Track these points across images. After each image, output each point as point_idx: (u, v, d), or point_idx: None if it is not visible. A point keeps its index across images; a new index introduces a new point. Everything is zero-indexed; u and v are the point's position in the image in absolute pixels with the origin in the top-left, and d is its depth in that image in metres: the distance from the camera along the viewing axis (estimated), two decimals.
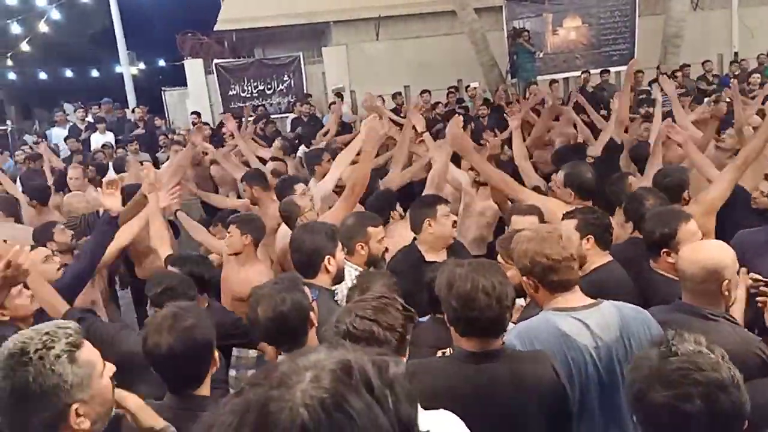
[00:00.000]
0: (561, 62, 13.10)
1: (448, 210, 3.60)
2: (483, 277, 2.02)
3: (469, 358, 2.06)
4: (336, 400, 0.78)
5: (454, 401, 1.95)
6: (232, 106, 13.99)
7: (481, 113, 9.60)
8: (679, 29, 12.09)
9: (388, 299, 1.89)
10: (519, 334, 2.25)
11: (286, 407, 0.77)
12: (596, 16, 12.98)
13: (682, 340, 1.56)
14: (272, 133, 10.14)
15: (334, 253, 2.94)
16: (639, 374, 1.54)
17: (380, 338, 1.77)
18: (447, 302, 2.07)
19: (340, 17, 14.63)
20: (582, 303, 2.31)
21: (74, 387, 1.58)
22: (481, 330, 2.04)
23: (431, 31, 14.59)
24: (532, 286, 2.33)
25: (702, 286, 2.37)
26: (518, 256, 2.33)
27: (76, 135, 11.08)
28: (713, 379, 1.47)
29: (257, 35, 15.58)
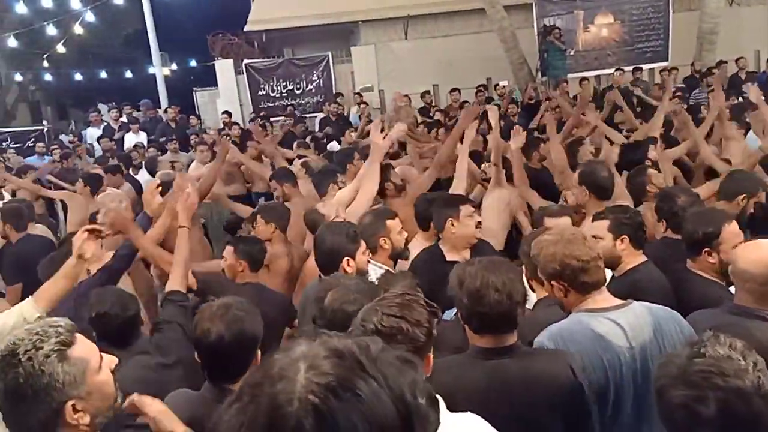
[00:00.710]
0: (592, 60, 12.93)
1: (473, 210, 3.57)
2: (493, 273, 2.06)
3: (482, 354, 2.09)
4: (340, 381, 0.81)
5: (469, 398, 1.97)
6: (262, 105, 14.12)
7: (511, 112, 9.50)
8: (715, 25, 11.82)
9: (411, 296, 1.88)
10: (552, 335, 2.23)
11: (294, 398, 0.79)
12: (629, 12, 12.78)
13: (716, 342, 1.52)
14: (301, 133, 10.20)
15: (354, 254, 2.97)
16: (664, 371, 1.53)
17: (409, 334, 1.75)
18: (458, 299, 2.12)
19: (369, 17, 14.65)
20: (612, 303, 2.29)
21: (67, 385, 1.59)
22: (492, 326, 2.07)
23: (460, 29, 14.52)
24: (562, 289, 2.30)
25: (764, 287, 2.31)
26: (546, 260, 2.29)
27: (110, 135, 11.29)
28: (734, 386, 1.42)
29: (287, 35, 15.69)
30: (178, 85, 20.03)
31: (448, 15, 14.55)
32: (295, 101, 14.09)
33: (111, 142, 10.55)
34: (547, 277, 2.32)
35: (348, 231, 3.04)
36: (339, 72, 14.61)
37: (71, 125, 20.20)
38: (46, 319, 1.88)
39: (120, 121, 12.18)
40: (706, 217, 2.91)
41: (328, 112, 11.72)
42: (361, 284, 2.44)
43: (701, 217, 2.92)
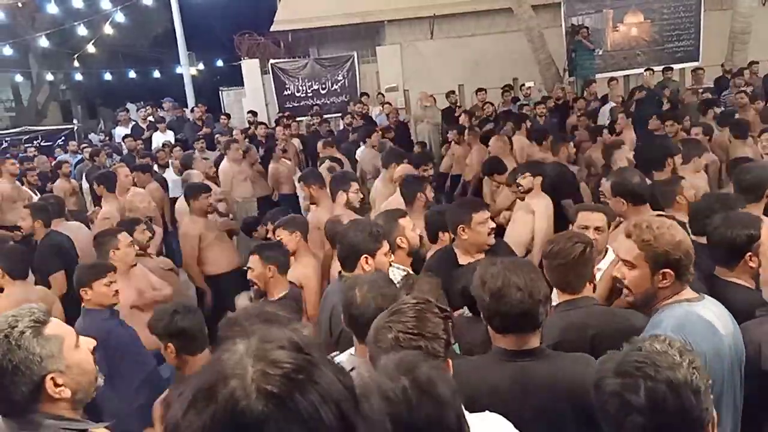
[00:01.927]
0: (621, 59, 12.75)
1: (486, 216, 3.54)
2: (514, 273, 2.05)
3: (506, 356, 2.08)
4: (292, 368, 0.84)
5: (492, 398, 1.97)
6: (287, 105, 14.19)
7: (539, 113, 9.42)
8: (747, 25, 11.57)
9: (423, 304, 1.83)
10: (675, 327, 2.10)
11: (251, 390, 0.81)
12: (659, 11, 12.58)
13: (655, 340, 1.57)
14: (326, 133, 10.23)
15: (374, 253, 3.01)
16: (603, 366, 1.56)
17: (429, 352, 1.72)
18: (481, 299, 2.11)
19: (395, 16, 14.63)
20: (694, 295, 2.24)
21: (45, 359, 1.70)
22: (514, 325, 2.06)
23: (486, 29, 14.43)
24: (668, 278, 2.17)
25: None
26: (668, 247, 2.15)
27: (139, 134, 11.44)
28: (665, 377, 1.45)
29: (312, 35, 15.75)
30: (204, 84, 20.24)
31: (475, 14, 14.47)
32: (320, 101, 14.14)
33: (136, 142, 10.67)
34: (660, 264, 2.16)
35: (372, 229, 3.11)
36: (364, 72, 14.62)
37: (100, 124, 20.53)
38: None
39: (148, 120, 12.34)
40: (744, 220, 2.79)
41: (353, 112, 11.74)
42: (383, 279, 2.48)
43: (739, 221, 2.79)
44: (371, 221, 3.50)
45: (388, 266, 3.12)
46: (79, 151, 11.26)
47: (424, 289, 2.67)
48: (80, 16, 16.84)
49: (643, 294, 2.22)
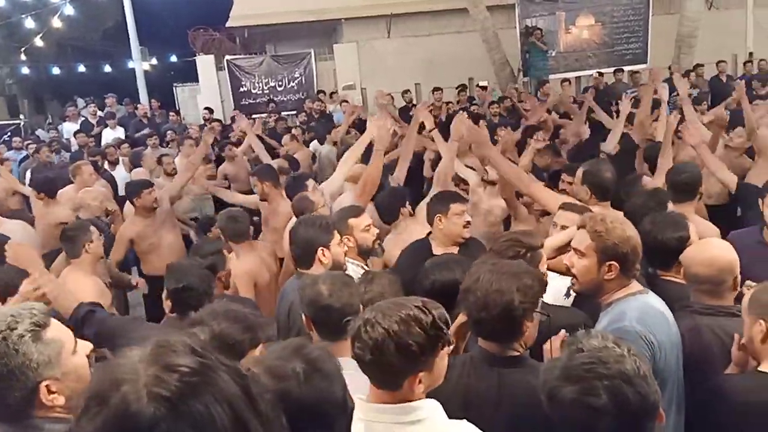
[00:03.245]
0: (573, 61, 13.02)
1: (463, 209, 3.58)
2: (503, 278, 2.00)
3: (486, 360, 2.06)
4: (184, 371, 0.84)
5: (466, 398, 1.98)
6: (243, 102, 14.03)
7: (493, 112, 9.56)
8: (694, 29, 11.97)
9: (418, 310, 1.68)
10: (639, 318, 2.17)
11: (142, 395, 0.82)
12: (609, 14, 12.89)
13: (590, 337, 1.59)
14: (283, 130, 10.15)
15: (328, 244, 3.02)
16: (549, 375, 1.55)
17: (397, 347, 1.65)
18: (465, 300, 2.08)
19: (352, 14, 14.62)
20: (642, 288, 2.32)
21: (41, 365, 1.62)
22: (495, 331, 2.03)
23: (443, 28, 14.55)
24: (613, 271, 2.24)
25: (722, 285, 2.41)
26: (618, 241, 2.22)
27: (88, 130, 11.14)
28: (617, 372, 1.48)
29: (269, 31, 15.60)
30: (158, 80, 19.82)
31: (431, 14, 14.57)
32: (276, 98, 14.03)
33: (87, 138, 10.39)
34: (608, 256, 2.23)
35: (321, 222, 3.12)
36: (321, 69, 14.56)
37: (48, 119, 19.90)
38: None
39: (98, 116, 12.03)
40: (672, 223, 2.86)
41: (310, 110, 11.68)
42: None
43: (667, 224, 2.85)
44: (317, 215, 3.50)
45: (344, 256, 3.14)
46: (23, 148, 10.90)
47: (384, 284, 2.66)
48: (28, 9, 16.32)
49: (588, 283, 2.30)
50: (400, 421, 1.64)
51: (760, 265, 2.75)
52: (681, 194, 3.68)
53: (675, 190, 3.72)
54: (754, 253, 2.63)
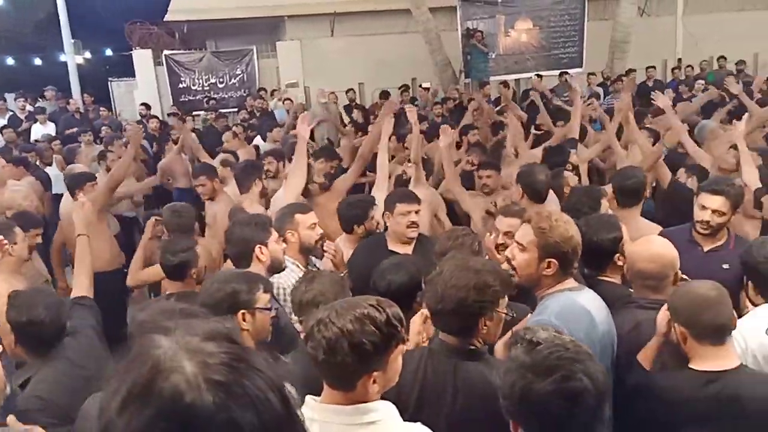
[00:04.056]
0: (512, 63, 13.27)
1: (409, 209, 3.58)
2: (460, 277, 2.03)
3: (444, 352, 2.09)
4: (231, 357, 0.82)
5: (424, 391, 2.04)
6: (183, 98, 13.74)
7: (436, 113, 9.69)
8: (626, 35, 12.41)
9: (373, 309, 1.68)
10: (559, 313, 2.23)
11: (196, 383, 0.77)
12: (547, 19, 13.20)
13: (535, 331, 1.61)
14: (223, 128, 9.99)
15: (265, 242, 3.00)
16: (514, 376, 1.53)
17: (353, 345, 1.64)
18: (426, 293, 2.13)
19: (295, 12, 14.51)
20: (576, 285, 2.39)
21: None
22: (448, 327, 2.08)
23: (386, 29, 14.60)
24: (552, 266, 2.31)
25: (664, 281, 2.52)
26: (559, 239, 2.28)
27: (16, 125, 10.64)
28: (583, 354, 1.54)
29: (210, 27, 15.30)
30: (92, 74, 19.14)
31: (375, 14, 14.61)
32: (217, 95, 13.78)
33: (14, 133, 9.92)
34: (548, 253, 2.30)
35: (257, 220, 3.10)
36: (264, 67, 14.39)
37: None
38: None
39: (27, 110, 11.53)
40: (605, 224, 2.91)
41: (252, 107, 11.52)
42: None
43: (601, 225, 2.90)
44: (253, 214, 3.48)
45: (283, 253, 3.12)
46: None
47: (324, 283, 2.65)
48: None
49: (527, 277, 2.36)
50: (354, 422, 1.63)
51: (690, 262, 2.86)
52: (627, 198, 3.79)
53: (622, 194, 3.82)
54: (683, 251, 2.75)
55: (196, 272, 3.29)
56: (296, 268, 3.35)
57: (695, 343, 2.15)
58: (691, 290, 2.19)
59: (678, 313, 2.17)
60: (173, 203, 4.54)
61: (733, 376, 2.09)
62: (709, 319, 2.11)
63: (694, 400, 2.09)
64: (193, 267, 3.27)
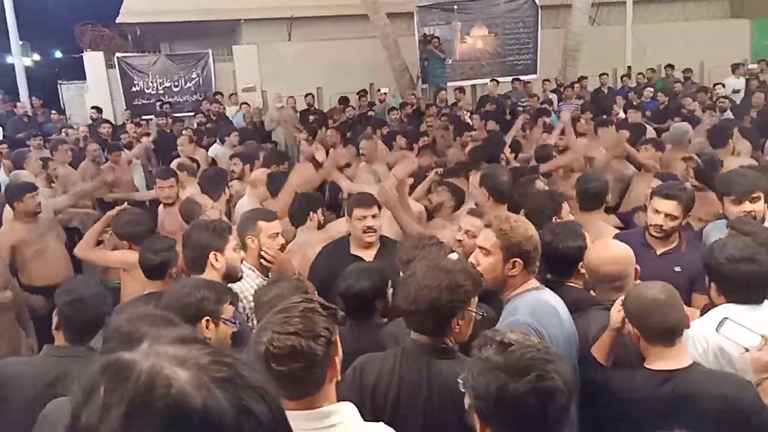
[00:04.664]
0: (468, 69, 13.43)
1: (365, 214, 3.58)
2: (432, 277, 2.06)
3: (417, 351, 2.12)
4: (220, 366, 0.78)
5: (399, 390, 2.06)
6: (136, 102, 13.46)
7: (393, 118, 9.74)
8: (578, 43, 12.73)
9: (308, 304, 1.74)
10: (531, 312, 2.27)
11: (189, 389, 0.74)
12: (502, 26, 13.41)
13: (504, 333, 1.64)
14: (179, 132, 9.83)
15: (222, 249, 2.94)
16: (489, 377, 1.54)
17: (304, 351, 1.63)
18: (399, 293, 2.15)
19: (252, 15, 14.41)
20: (539, 284, 2.44)
21: None
22: (422, 327, 2.11)
23: (344, 33, 14.62)
24: (516, 267, 2.36)
25: (626, 279, 2.59)
26: (521, 238, 2.34)
27: None
28: (553, 354, 1.58)
29: (164, 29, 15.06)
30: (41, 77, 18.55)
31: (333, 19, 14.62)
32: (172, 99, 13.54)
33: None
34: (512, 253, 2.35)
35: (215, 226, 3.04)
36: (220, 70, 14.21)
37: None
38: None
39: None
40: (570, 233, 2.91)
41: (208, 111, 11.37)
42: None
43: (566, 234, 2.90)
44: (214, 220, 3.44)
45: (240, 262, 3.04)
46: None
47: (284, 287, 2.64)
48: None
49: (493, 280, 2.39)
50: (315, 427, 1.63)
51: (644, 265, 2.92)
52: (589, 202, 3.87)
53: (584, 198, 3.88)
54: (637, 254, 2.82)
55: (176, 272, 3.24)
56: (253, 273, 3.31)
57: (648, 344, 2.22)
58: (642, 293, 2.24)
59: (630, 315, 2.24)
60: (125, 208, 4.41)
61: (686, 374, 2.16)
62: (658, 322, 2.16)
63: (651, 399, 2.15)
64: (173, 266, 3.22)
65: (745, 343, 2.24)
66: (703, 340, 2.42)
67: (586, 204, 3.87)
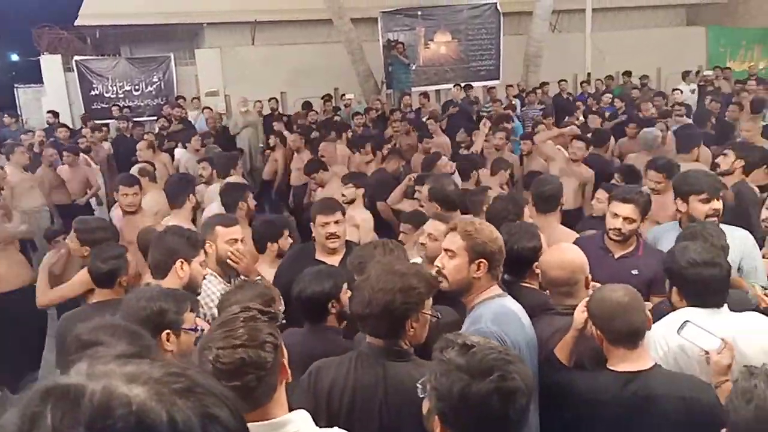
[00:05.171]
0: (432, 75, 13.53)
1: (327, 221, 3.58)
2: (386, 281, 2.06)
3: (372, 354, 2.12)
4: (175, 369, 0.78)
5: (355, 394, 2.06)
6: (95, 106, 13.19)
7: (358, 123, 9.75)
8: (539, 49, 12.94)
9: (246, 313, 1.71)
10: (494, 319, 2.29)
11: (152, 409, 0.72)
12: (465, 32, 13.56)
13: (467, 336, 1.66)
14: (139, 137, 9.67)
15: (190, 259, 2.91)
16: (452, 378, 1.55)
17: (254, 361, 1.61)
18: (353, 298, 2.16)
19: (214, 19, 14.26)
20: (501, 291, 2.46)
21: None
22: (376, 330, 2.10)
23: (308, 38, 14.58)
24: (481, 269, 2.39)
25: (576, 285, 2.63)
26: (486, 239, 2.38)
27: None
28: (513, 356, 1.62)
29: (124, 32, 14.79)
30: None
31: (298, 23, 14.56)
32: (133, 103, 13.30)
33: None
34: (477, 254, 2.37)
35: (190, 235, 3.02)
36: (182, 74, 14.02)
37: None
38: None
39: None
40: (526, 233, 2.97)
41: (170, 116, 11.20)
42: None
43: (521, 234, 2.96)
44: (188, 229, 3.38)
45: (202, 278, 3.02)
46: None
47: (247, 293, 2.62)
48: None
49: (458, 282, 2.42)
50: None
51: (602, 268, 2.99)
52: (545, 205, 3.95)
53: (539, 201, 3.96)
54: (596, 258, 2.87)
55: (126, 280, 3.19)
56: (215, 279, 3.31)
57: (611, 346, 2.26)
58: (606, 297, 2.28)
59: (594, 317, 2.28)
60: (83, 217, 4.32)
61: (648, 376, 2.20)
62: (621, 325, 2.20)
63: (615, 400, 2.19)
64: (123, 275, 3.17)
65: (705, 346, 2.30)
66: (663, 343, 2.46)
67: (541, 207, 3.95)
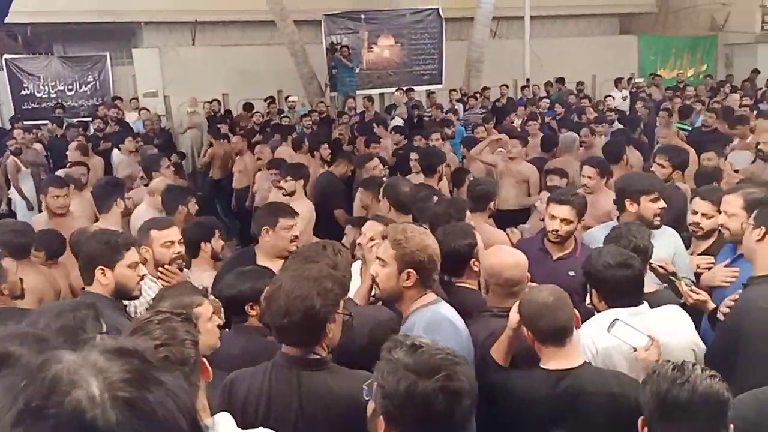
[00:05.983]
0: (376, 78, 13.57)
1: (291, 224, 3.55)
2: (301, 287, 2.03)
3: (287, 363, 2.09)
4: (141, 374, 0.78)
5: (269, 404, 2.02)
6: (26, 106, 12.68)
7: (305, 125, 9.73)
8: (480, 54, 13.20)
9: (159, 315, 1.72)
10: (427, 327, 2.29)
11: (99, 399, 0.73)
12: (408, 36, 13.68)
13: (414, 338, 1.70)
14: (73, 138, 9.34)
15: (111, 265, 2.78)
16: (398, 376, 1.56)
17: (177, 358, 1.62)
18: (266, 310, 2.12)
19: (153, 18, 13.93)
20: (435, 298, 2.47)
21: None
22: (296, 339, 2.07)
23: (250, 39, 14.42)
24: (411, 279, 2.38)
25: (521, 285, 2.68)
26: (415, 248, 2.36)
27: None
28: (459, 357, 1.66)
29: (57, 30, 14.27)
30: None
31: (240, 24, 14.38)
32: (66, 103, 12.83)
33: None
34: (405, 264, 2.36)
35: (109, 239, 2.84)
36: (119, 74, 13.62)
37: None
38: None
39: None
40: (461, 231, 3.05)
41: (106, 116, 10.86)
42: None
43: (457, 233, 3.04)
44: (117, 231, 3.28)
45: (137, 281, 2.88)
46: None
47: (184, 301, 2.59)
48: None
49: (389, 290, 2.43)
50: None
51: (541, 270, 3.08)
52: (477, 203, 4.14)
53: (472, 200, 4.16)
54: (535, 260, 2.95)
55: (8, 288, 3.00)
56: (155, 285, 3.22)
57: (540, 345, 2.33)
58: (532, 297, 2.36)
59: (523, 317, 2.35)
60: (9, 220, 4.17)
61: (578, 373, 2.28)
62: (547, 324, 2.28)
63: (547, 398, 2.26)
64: (1, 282, 2.96)
65: (634, 343, 2.40)
66: (591, 345, 2.55)
67: (473, 206, 4.08)
